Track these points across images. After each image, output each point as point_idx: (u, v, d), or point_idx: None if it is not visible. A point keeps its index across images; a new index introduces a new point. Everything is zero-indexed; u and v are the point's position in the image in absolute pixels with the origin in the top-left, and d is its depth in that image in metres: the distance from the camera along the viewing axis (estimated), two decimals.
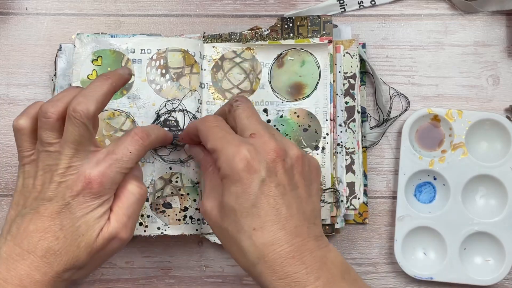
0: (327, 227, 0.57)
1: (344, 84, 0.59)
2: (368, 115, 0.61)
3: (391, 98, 0.61)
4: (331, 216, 0.57)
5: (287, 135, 0.58)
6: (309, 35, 0.59)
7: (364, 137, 0.60)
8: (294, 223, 0.45)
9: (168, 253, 0.60)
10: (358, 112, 0.59)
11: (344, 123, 0.59)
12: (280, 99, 0.59)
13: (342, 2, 0.61)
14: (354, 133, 0.59)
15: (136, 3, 0.62)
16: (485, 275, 0.58)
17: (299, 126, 0.58)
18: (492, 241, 0.58)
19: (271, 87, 0.59)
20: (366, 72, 0.61)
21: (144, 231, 0.57)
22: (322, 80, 0.58)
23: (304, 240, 0.45)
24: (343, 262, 0.46)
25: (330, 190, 0.57)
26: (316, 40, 0.58)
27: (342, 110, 0.59)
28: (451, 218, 0.58)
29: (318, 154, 0.57)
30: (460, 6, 0.61)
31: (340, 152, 0.58)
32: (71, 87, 0.51)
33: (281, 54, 0.59)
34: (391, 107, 0.61)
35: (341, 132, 0.58)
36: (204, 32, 0.60)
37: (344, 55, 0.59)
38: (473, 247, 0.59)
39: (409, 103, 0.61)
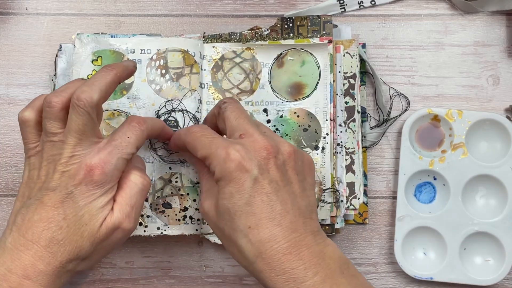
0: (327, 227, 0.57)
1: (344, 84, 0.59)
2: (368, 115, 0.61)
3: (391, 98, 0.61)
4: (331, 216, 0.57)
5: (287, 135, 0.58)
6: (309, 35, 0.59)
7: (364, 137, 0.60)
8: (289, 218, 0.45)
9: (168, 253, 0.60)
10: (358, 112, 0.59)
11: (344, 123, 0.59)
12: (280, 99, 0.59)
13: (342, 2, 0.61)
14: (354, 133, 0.59)
15: (136, 3, 0.62)
16: (485, 275, 0.58)
17: (299, 126, 0.58)
18: (492, 241, 0.58)
19: (271, 87, 0.59)
20: (366, 72, 0.61)
21: (144, 231, 0.57)
22: (322, 80, 0.58)
23: (301, 236, 0.45)
24: (341, 257, 0.46)
25: (330, 190, 0.57)
26: (316, 40, 0.58)
27: (342, 110, 0.59)
28: (451, 218, 0.58)
29: (318, 154, 0.57)
30: (460, 6, 0.61)
31: (340, 152, 0.58)
32: (76, 79, 0.52)
33: (281, 54, 0.59)
34: (391, 107, 0.61)
35: (341, 132, 0.58)
36: (204, 32, 0.60)
37: (344, 55, 0.59)
38: (473, 247, 0.59)
39: (409, 103, 0.61)
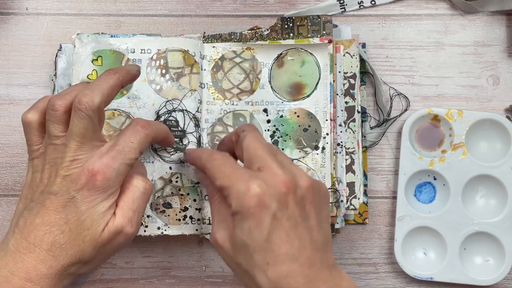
0: None
1: (344, 84, 0.59)
2: (368, 115, 0.61)
3: (391, 98, 0.61)
4: (331, 216, 0.57)
5: (287, 135, 0.58)
6: (309, 35, 0.59)
7: (364, 137, 0.60)
8: (306, 254, 0.45)
9: (168, 253, 0.60)
10: (358, 112, 0.59)
11: (344, 123, 0.59)
12: (280, 99, 0.59)
13: (342, 2, 0.61)
14: (354, 133, 0.59)
15: (136, 3, 0.62)
16: (485, 275, 0.58)
17: (299, 126, 0.58)
18: (492, 241, 0.58)
19: (271, 87, 0.59)
20: (366, 72, 0.61)
21: (144, 231, 0.57)
22: (322, 80, 0.58)
23: (318, 271, 0.45)
24: None
25: (330, 190, 0.57)
26: (316, 40, 0.58)
27: (342, 110, 0.59)
28: (451, 218, 0.58)
29: (318, 154, 0.57)
30: (460, 6, 0.61)
31: (340, 152, 0.58)
32: (80, 82, 0.51)
33: (281, 54, 0.59)
34: (391, 107, 0.61)
35: (341, 132, 0.58)
36: (204, 32, 0.60)
37: (344, 55, 0.59)
38: (473, 247, 0.59)
39: (409, 103, 0.61)
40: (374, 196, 0.60)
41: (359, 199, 0.58)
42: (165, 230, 0.57)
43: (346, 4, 0.61)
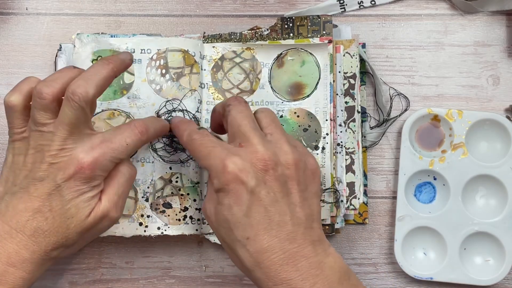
0: (327, 227, 0.57)
1: (344, 84, 0.59)
2: (368, 115, 0.61)
3: (391, 98, 0.61)
4: (331, 216, 0.57)
5: None
6: (309, 35, 0.59)
7: (364, 137, 0.60)
8: (287, 229, 0.45)
9: (168, 253, 0.60)
10: (358, 112, 0.59)
11: (344, 123, 0.59)
12: (280, 99, 0.59)
13: (342, 2, 0.61)
14: (354, 133, 0.59)
15: (136, 3, 0.62)
16: (485, 275, 0.58)
17: (299, 126, 0.58)
18: (492, 241, 0.58)
19: (271, 87, 0.59)
20: (366, 72, 0.61)
21: (144, 231, 0.57)
22: (322, 80, 0.58)
23: (300, 247, 0.45)
24: (342, 267, 0.46)
25: (330, 190, 0.57)
26: (316, 40, 0.58)
27: (342, 110, 0.59)
28: (451, 218, 0.58)
29: (318, 154, 0.57)
30: (460, 6, 0.61)
31: (340, 152, 0.58)
32: (66, 66, 0.50)
33: (281, 54, 0.59)
34: (391, 107, 0.61)
35: (341, 132, 0.58)
36: (204, 32, 0.60)
37: (344, 55, 0.59)
38: (473, 247, 0.59)
39: (409, 103, 0.61)
40: (374, 196, 0.60)
41: (359, 199, 0.58)
42: (165, 230, 0.57)
43: (346, 4, 0.61)
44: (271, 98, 0.59)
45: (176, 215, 0.57)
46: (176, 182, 0.57)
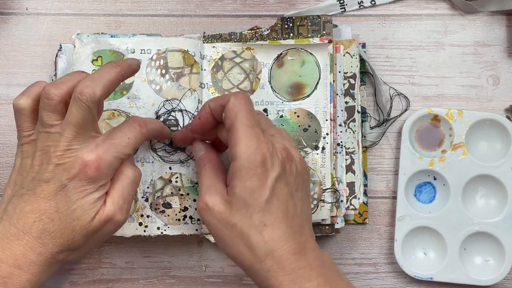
0: (327, 227, 0.57)
1: (344, 84, 0.59)
2: (368, 115, 0.61)
3: (391, 98, 0.61)
4: (331, 216, 0.57)
5: None
6: (309, 35, 0.59)
7: (364, 137, 0.60)
8: (298, 222, 0.47)
9: (168, 253, 0.60)
10: (358, 112, 0.59)
11: (344, 123, 0.59)
12: (280, 99, 0.59)
13: (342, 2, 0.61)
14: (354, 133, 0.59)
15: (136, 3, 0.62)
16: (485, 275, 0.58)
17: (299, 126, 0.58)
18: (492, 241, 0.58)
19: (271, 87, 0.59)
20: (366, 72, 0.61)
21: (144, 231, 0.57)
22: (322, 80, 0.58)
23: (307, 239, 0.47)
24: (335, 264, 0.49)
25: (330, 190, 0.57)
26: (316, 40, 0.58)
27: (342, 110, 0.59)
28: (451, 218, 0.58)
29: (318, 154, 0.57)
30: (460, 6, 0.61)
31: (340, 152, 0.58)
32: (76, 71, 0.51)
33: (281, 54, 0.59)
34: (391, 107, 0.61)
35: (341, 132, 0.58)
36: (204, 32, 0.60)
37: (344, 55, 0.59)
38: (473, 247, 0.59)
39: (409, 103, 0.61)
40: (374, 196, 0.60)
41: (359, 199, 0.58)
42: (165, 230, 0.57)
43: (346, 4, 0.61)
44: (271, 98, 0.59)
45: (176, 215, 0.57)
46: (176, 182, 0.57)
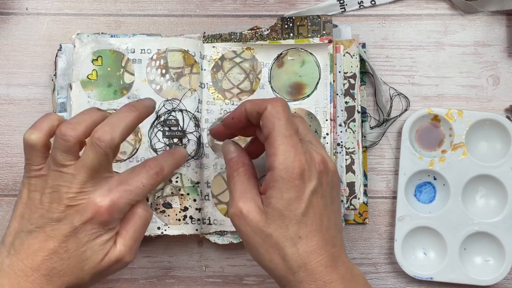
0: None
1: (344, 84, 0.59)
2: (368, 115, 0.61)
3: (391, 98, 0.61)
4: None
5: None
6: (309, 35, 0.59)
7: (364, 137, 0.60)
8: (331, 234, 0.47)
9: (168, 253, 0.60)
10: (358, 112, 0.59)
11: (344, 123, 0.59)
12: None
13: (342, 2, 0.61)
14: (354, 133, 0.59)
15: (136, 3, 0.62)
16: (485, 275, 0.58)
17: None
18: (492, 241, 0.58)
19: (271, 87, 0.59)
20: (366, 72, 0.61)
21: None
22: (322, 80, 0.58)
23: (339, 251, 0.47)
24: (364, 276, 0.48)
25: None
26: (316, 40, 0.58)
27: (342, 110, 0.59)
28: (451, 218, 0.58)
29: None
30: (460, 6, 0.61)
31: (340, 152, 0.58)
32: (91, 108, 0.50)
33: (281, 54, 0.59)
34: (391, 107, 0.61)
35: (341, 132, 0.58)
36: (204, 32, 0.60)
37: (344, 55, 0.59)
38: (473, 247, 0.59)
39: (409, 103, 0.61)
40: (374, 196, 0.60)
41: (359, 199, 0.58)
42: (165, 230, 0.57)
43: (346, 4, 0.61)
44: None
45: (176, 215, 0.57)
46: (176, 182, 0.57)
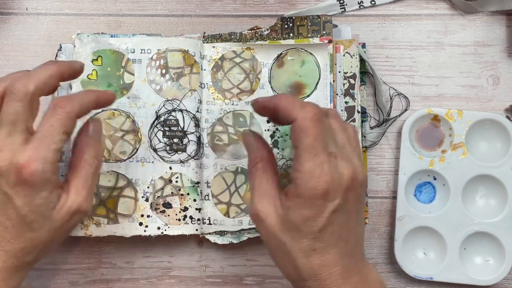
0: None
1: (344, 84, 0.59)
2: (368, 115, 0.61)
3: (391, 98, 0.61)
4: None
5: (287, 135, 0.58)
6: (309, 35, 0.59)
7: (364, 137, 0.60)
8: (350, 246, 0.46)
9: (168, 253, 0.60)
10: (358, 112, 0.59)
11: None
12: None
13: (342, 2, 0.61)
14: None
15: (136, 3, 0.62)
16: (485, 275, 0.58)
17: None
18: (492, 241, 0.58)
19: (271, 87, 0.59)
20: (366, 72, 0.61)
21: (144, 231, 0.57)
22: (322, 80, 0.58)
23: (355, 261, 0.46)
24: (381, 281, 0.47)
25: None
26: (316, 40, 0.58)
27: (342, 110, 0.59)
28: (451, 218, 0.58)
29: None
30: (460, 6, 0.61)
31: None
32: (19, 71, 0.48)
33: (281, 54, 0.59)
34: (391, 107, 0.61)
35: None
36: (204, 32, 0.60)
37: (344, 55, 0.59)
38: (473, 247, 0.59)
39: (409, 103, 0.61)
40: (374, 196, 0.60)
41: None
42: (165, 230, 0.57)
43: (346, 4, 0.61)
44: None
45: (176, 215, 0.57)
46: (176, 182, 0.57)
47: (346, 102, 0.59)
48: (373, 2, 0.61)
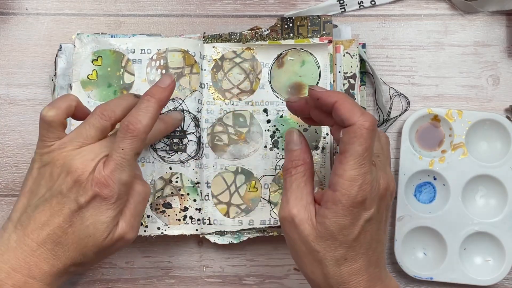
0: None
1: (344, 84, 0.59)
2: None
3: (391, 98, 0.61)
4: None
5: None
6: (309, 35, 0.59)
7: None
8: (377, 255, 0.46)
9: (168, 253, 0.60)
10: None
11: None
12: (280, 99, 0.59)
13: (342, 2, 0.61)
14: None
15: (136, 3, 0.62)
16: (485, 275, 0.58)
17: (299, 126, 0.58)
18: (492, 241, 0.58)
19: (271, 87, 0.59)
20: (366, 72, 0.61)
21: (144, 231, 0.57)
22: (322, 80, 0.58)
23: (380, 269, 0.47)
24: None
25: None
26: (316, 40, 0.58)
27: None
28: (451, 218, 0.58)
29: (318, 154, 0.58)
30: (460, 6, 0.61)
31: None
32: (128, 94, 0.52)
33: (281, 54, 0.59)
34: (391, 107, 0.61)
35: None
36: (204, 32, 0.60)
37: (344, 55, 0.59)
38: (473, 247, 0.59)
39: (409, 103, 0.61)
40: None
41: None
42: (165, 230, 0.57)
43: (346, 4, 0.61)
44: (271, 98, 0.59)
45: (176, 215, 0.57)
46: (176, 182, 0.57)
47: None
48: (373, 2, 0.61)
